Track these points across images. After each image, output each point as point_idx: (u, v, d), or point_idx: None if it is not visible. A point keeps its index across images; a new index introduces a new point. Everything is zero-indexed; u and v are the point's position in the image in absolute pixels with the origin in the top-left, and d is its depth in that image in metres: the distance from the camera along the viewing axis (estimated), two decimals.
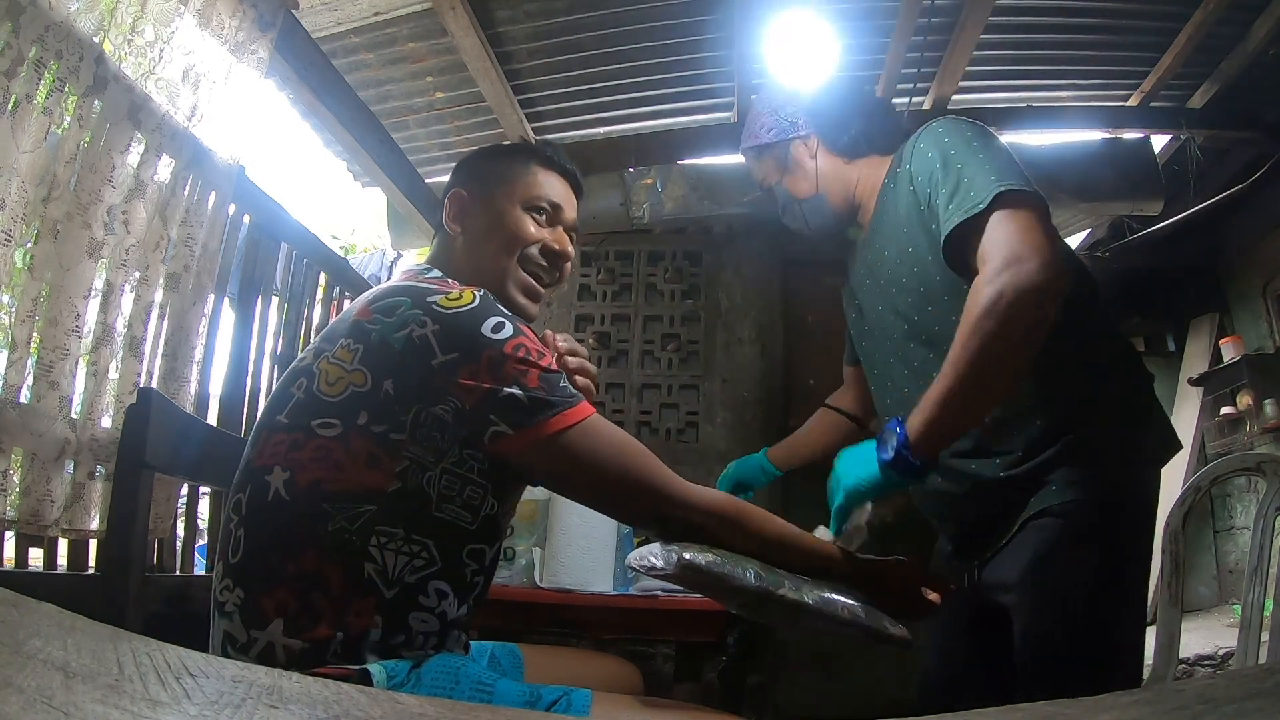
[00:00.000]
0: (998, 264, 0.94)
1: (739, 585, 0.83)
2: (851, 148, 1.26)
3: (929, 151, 1.09)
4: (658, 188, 3.04)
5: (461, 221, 1.05)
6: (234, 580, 0.80)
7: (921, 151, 1.11)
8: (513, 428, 0.80)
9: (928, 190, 1.08)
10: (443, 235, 1.06)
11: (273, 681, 0.39)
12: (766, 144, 1.30)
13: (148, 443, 0.97)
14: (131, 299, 1.49)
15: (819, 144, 1.27)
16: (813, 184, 1.27)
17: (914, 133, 1.15)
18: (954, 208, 1.01)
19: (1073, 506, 1.03)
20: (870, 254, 1.24)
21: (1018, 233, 0.95)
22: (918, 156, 1.12)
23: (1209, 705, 0.34)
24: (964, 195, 1.01)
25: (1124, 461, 1.06)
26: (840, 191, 1.26)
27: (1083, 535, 1.03)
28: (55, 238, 1.30)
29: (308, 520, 0.78)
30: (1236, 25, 2.69)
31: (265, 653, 0.76)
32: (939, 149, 1.08)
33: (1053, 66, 2.94)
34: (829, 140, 1.27)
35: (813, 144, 1.27)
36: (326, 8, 2.37)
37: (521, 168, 1.06)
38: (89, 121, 1.37)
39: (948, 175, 1.04)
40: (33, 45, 1.23)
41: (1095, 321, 1.12)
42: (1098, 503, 1.03)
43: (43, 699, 0.30)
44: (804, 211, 1.30)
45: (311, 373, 0.84)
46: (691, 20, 2.59)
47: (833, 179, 1.26)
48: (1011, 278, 0.92)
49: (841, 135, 1.26)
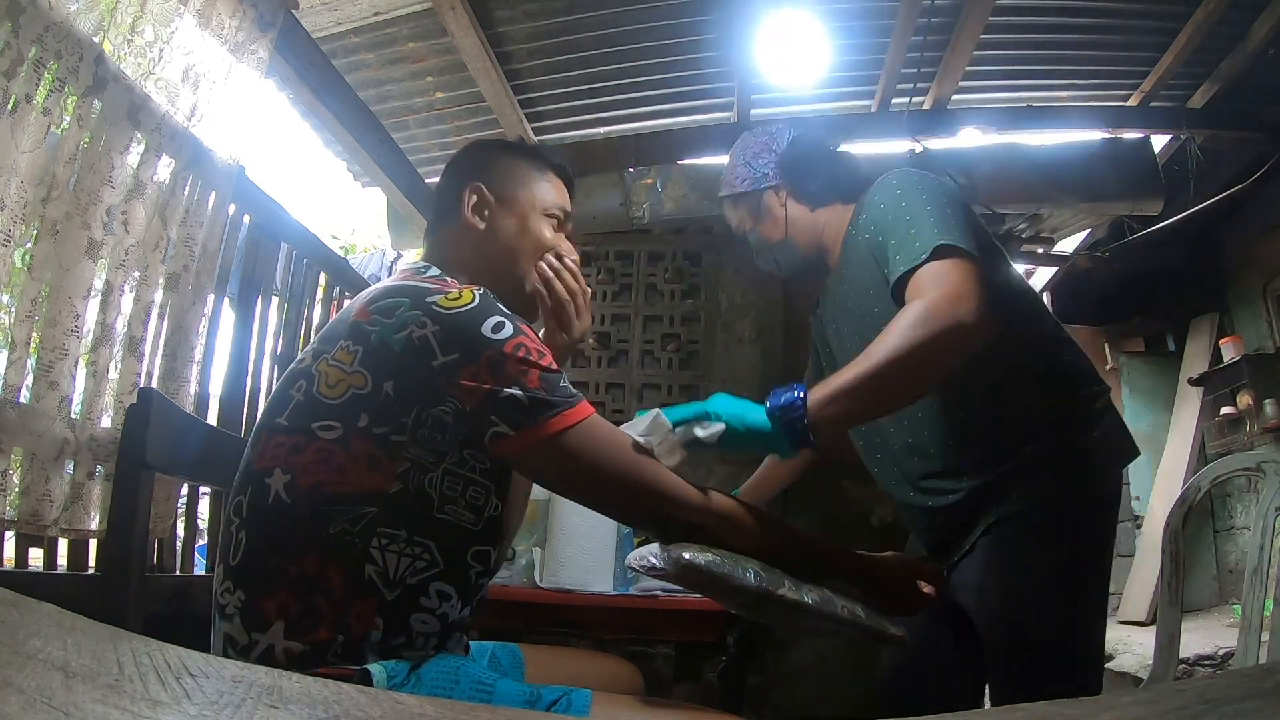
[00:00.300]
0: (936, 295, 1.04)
1: (739, 585, 0.83)
2: (817, 197, 1.37)
3: (881, 204, 1.21)
4: (658, 188, 3.04)
5: (484, 217, 1.05)
6: (235, 583, 0.80)
7: (875, 203, 1.23)
8: (513, 428, 0.80)
9: (879, 239, 1.19)
10: (452, 229, 1.05)
11: (273, 681, 0.39)
12: (741, 193, 1.41)
13: (148, 443, 0.97)
14: (131, 299, 1.49)
15: (788, 194, 1.38)
16: (783, 230, 1.38)
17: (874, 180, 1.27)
18: (900, 259, 1.12)
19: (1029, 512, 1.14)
20: (840, 293, 1.35)
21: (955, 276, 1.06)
22: (872, 207, 1.23)
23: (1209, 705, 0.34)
24: (910, 246, 1.11)
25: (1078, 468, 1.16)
26: (808, 237, 1.38)
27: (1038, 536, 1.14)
28: (54, 238, 1.30)
29: (309, 523, 0.78)
30: (1236, 25, 2.69)
31: (265, 655, 0.75)
32: (890, 201, 1.20)
33: (1053, 66, 2.94)
34: (797, 190, 1.38)
35: (783, 194, 1.38)
36: (326, 8, 2.37)
37: (539, 173, 1.09)
38: (88, 122, 1.37)
39: (896, 227, 1.15)
40: (32, 45, 1.23)
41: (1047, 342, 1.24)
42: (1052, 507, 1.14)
43: (43, 699, 0.30)
44: (775, 254, 1.42)
45: (311, 375, 0.84)
46: (691, 20, 2.58)
47: (801, 225, 1.38)
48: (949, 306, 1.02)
49: (808, 185, 1.37)
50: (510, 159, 1.11)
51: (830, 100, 3.00)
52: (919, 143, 2.91)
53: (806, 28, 2.45)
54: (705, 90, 2.91)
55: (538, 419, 0.80)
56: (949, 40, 2.65)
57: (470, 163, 1.11)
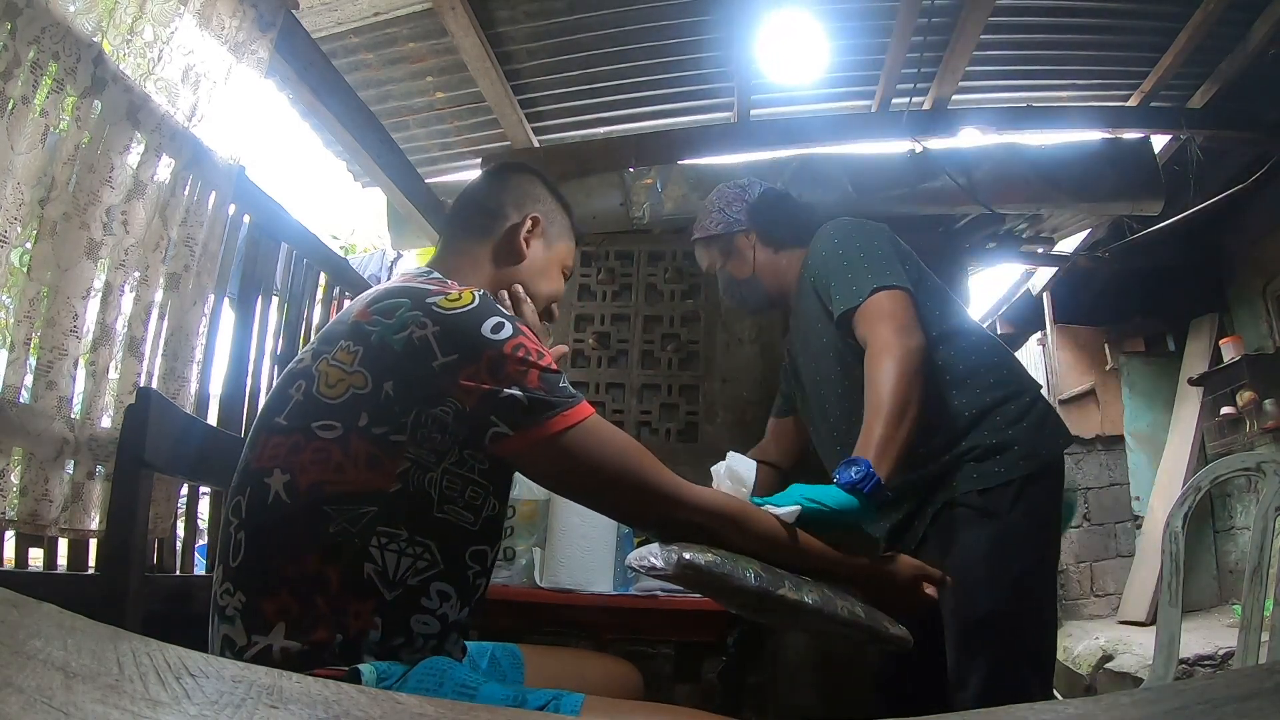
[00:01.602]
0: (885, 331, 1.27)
1: (739, 585, 0.83)
2: (781, 241, 1.58)
3: (823, 250, 1.45)
4: (658, 188, 3.04)
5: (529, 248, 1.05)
6: (235, 584, 0.80)
7: (818, 249, 1.47)
8: (513, 428, 0.80)
9: (825, 281, 1.41)
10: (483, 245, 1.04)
11: (273, 681, 0.39)
12: (714, 235, 1.62)
13: (146, 442, 0.97)
14: (131, 299, 1.49)
15: (757, 237, 1.59)
16: (750, 268, 1.60)
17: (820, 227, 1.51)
18: (841, 298, 1.35)
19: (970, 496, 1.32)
20: (798, 325, 1.58)
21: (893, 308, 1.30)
22: (814, 254, 1.48)
23: (1209, 705, 0.34)
24: (848, 288, 1.35)
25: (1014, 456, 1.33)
26: (772, 275, 1.59)
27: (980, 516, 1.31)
28: (53, 238, 1.30)
29: (308, 523, 0.78)
30: (1236, 25, 2.69)
31: (262, 655, 0.75)
32: (830, 249, 1.44)
33: (1053, 66, 2.94)
34: (764, 234, 1.59)
35: (752, 237, 1.59)
36: (326, 8, 2.37)
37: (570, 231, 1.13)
38: (88, 122, 1.37)
39: (836, 270, 1.39)
40: (30, 46, 1.23)
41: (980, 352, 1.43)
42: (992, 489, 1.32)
43: (43, 699, 0.30)
44: (741, 290, 1.63)
45: (310, 375, 0.84)
46: (691, 20, 2.58)
47: (766, 265, 1.59)
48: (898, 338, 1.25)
49: (774, 231, 1.59)
50: (559, 207, 1.12)
51: (830, 100, 3.00)
52: (918, 143, 2.91)
53: (806, 28, 2.45)
54: (705, 90, 2.91)
55: (538, 419, 0.80)
56: (949, 40, 2.65)
57: (533, 192, 1.10)
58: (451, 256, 1.04)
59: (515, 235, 1.04)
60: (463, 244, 1.05)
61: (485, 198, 1.09)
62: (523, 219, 1.05)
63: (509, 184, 1.10)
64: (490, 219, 1.05)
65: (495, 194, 1.08)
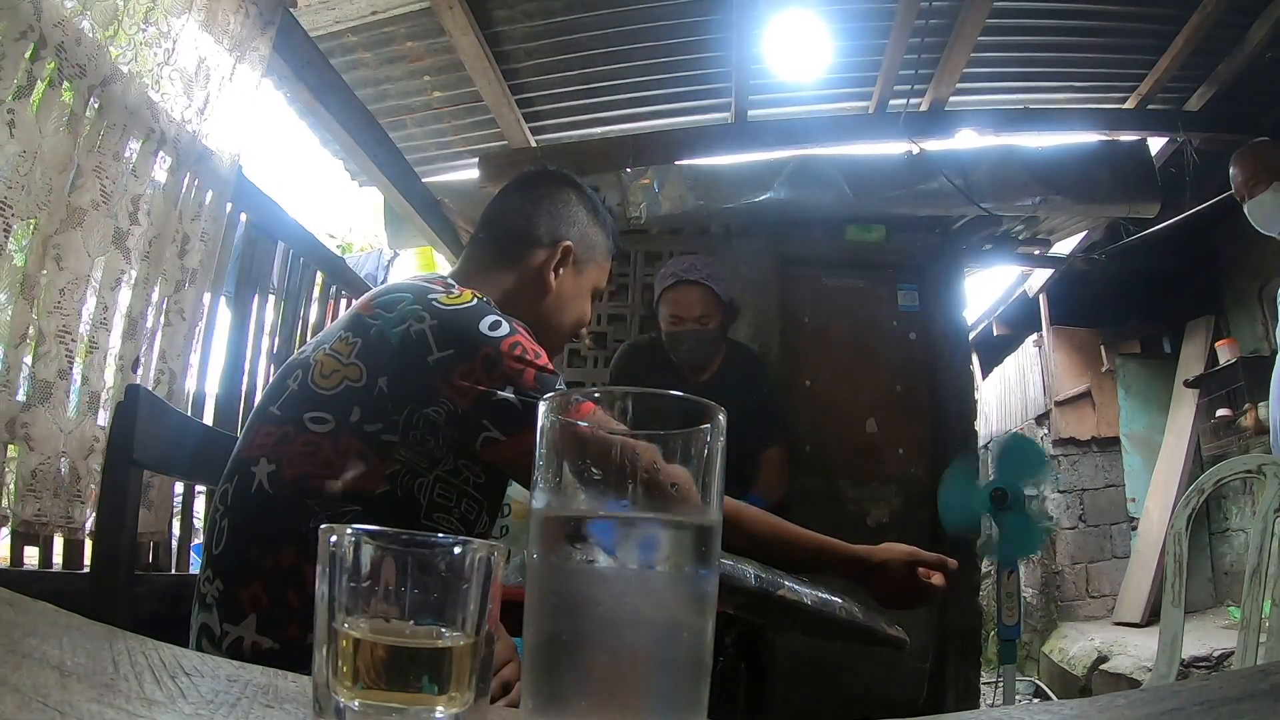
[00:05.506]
0: None
1: (739, 585, 0.83)
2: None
3: None
4: (655, 188, 3.04)
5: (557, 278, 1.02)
6: (214, 572, 0.79)
7: None
8: (505, 434, 0.80)
9: None
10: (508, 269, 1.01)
11: (268, 681, 0.39)
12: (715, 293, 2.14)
13: (135, 440, 0.96)
14: (128, 297, 1.49)
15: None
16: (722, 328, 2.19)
17: None
18: None
19: None
20: None
21: None
22: None
23: (1204, 706, 0.34)
24: None
25: None
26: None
27: None
28: (52, 237, 1.30)
29: (288, 514, 0.77)
30: (1233, 28, 2.69)
31: (234, 647, 0.74)
32: None
33: (1050, 68, 2.94)
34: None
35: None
36: (325, 6, 2.37)
37: (606, 251, 1.08)
38: (88, 121, 1.36)
39: None
40: (30, 45, 1.23)
41: None
42: None
43: (38, 698, 0.30)
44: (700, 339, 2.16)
45: (308, 364, 0.84)
46: (690, 20, 2.58)
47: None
48: None
49: None
50: (597, 227, 1.07)
51: (827, 101, 3.00)
52: (916, 144, 2.91)
53: (804, 28, 2.45)
54: (703, 91, 2.91)
55: (531, 425, 0.80)
56: (946, 42, 2.65)
57: (567, 214, 1.05)
58: (475, 275, 1.00)
59: (544, 270, 1.01)
60: (487, 265, 1.02)
61: (517, 217, 1.04)
62: (553, 250, 1.01)
63: (542, 204, 1.05)
64: (519, 244, 1.02)
65: (528, 213, 1.04)
